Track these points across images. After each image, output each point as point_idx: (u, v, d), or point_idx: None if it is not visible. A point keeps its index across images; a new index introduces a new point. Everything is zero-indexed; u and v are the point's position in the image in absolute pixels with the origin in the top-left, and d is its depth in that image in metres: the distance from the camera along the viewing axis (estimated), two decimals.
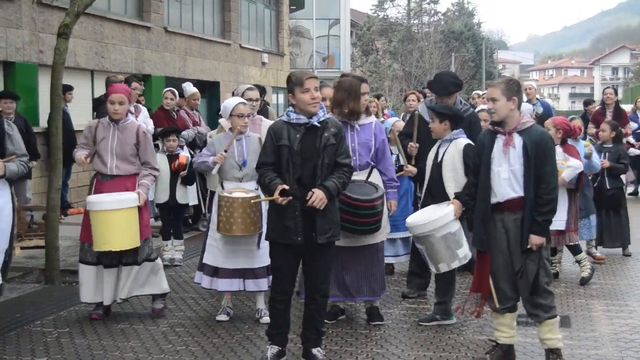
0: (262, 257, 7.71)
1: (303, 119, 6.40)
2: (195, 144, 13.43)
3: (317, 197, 6.19)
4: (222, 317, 8.03)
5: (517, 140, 6.38)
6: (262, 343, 7.11)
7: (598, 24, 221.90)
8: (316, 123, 6.37)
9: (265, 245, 7.46)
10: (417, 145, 8.44)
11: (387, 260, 9.88)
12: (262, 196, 7.04)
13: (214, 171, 7.94)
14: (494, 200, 6.44)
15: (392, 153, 9.96)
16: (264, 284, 7.82)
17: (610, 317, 8.23)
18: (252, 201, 7.43)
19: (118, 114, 7.87)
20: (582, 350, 7.11)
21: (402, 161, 9.87)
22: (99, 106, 11.90)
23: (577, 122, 10.22)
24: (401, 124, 10.28)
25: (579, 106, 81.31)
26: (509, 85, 6.45)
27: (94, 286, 7.92)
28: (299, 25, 46.24)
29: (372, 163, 7.78)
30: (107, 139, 7.91)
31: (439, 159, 7.66)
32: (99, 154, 7.94)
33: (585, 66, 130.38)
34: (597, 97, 57.91)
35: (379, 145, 7.79)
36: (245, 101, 7.98)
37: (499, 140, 6.45)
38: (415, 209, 8.71)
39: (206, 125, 14.21)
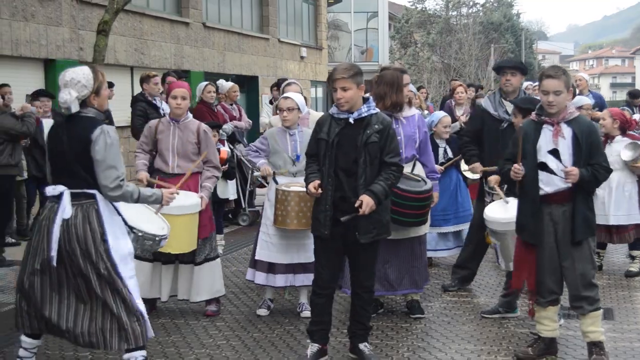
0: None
1: (342, 114, 6.37)
2: (235, 138, 13.47)
3: (367, 205, 6.14)
4: (263, 312, 8.05)
5: (566, 130, 6.30)
6: (302, 337, 7.12)
7: (638, 12, 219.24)
8: (351, 120, 6.32)
9: None
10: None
11: (440, 254, 9.90)
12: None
13: (256, 173, 8.05)
14: (542, 192, 6.36)
15: (438, 146, 9.96)
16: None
17: None
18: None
19: (180, 108, 7.77)
20: (626, 342, 7.05)
21: (449, 154, 9.87)
22: (135, 103, 11.96)
23: (627, 114, 10.10)
24: (448, 119, 10.23)
25: (619, 96, 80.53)
26: (568, 76, 6.38)
27: (149, 282, 7.90)
28: (337, 18, 46.16)
29: (417, 155, 7.76)
30: (167, 137, 7.83)
31: None
32: (160, 152, 7.87)
33: (627, 55, 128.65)
34: (639, 87, 57.19)
35: (422, 137, 7.77)
36: (288, 95, 7.97)
37: (546, 131, 6.34)
38: (479, 202, 8.57)
39: (247, 119, 14.23)
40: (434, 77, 50.85)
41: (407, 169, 7.54)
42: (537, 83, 16.29)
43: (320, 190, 6.27)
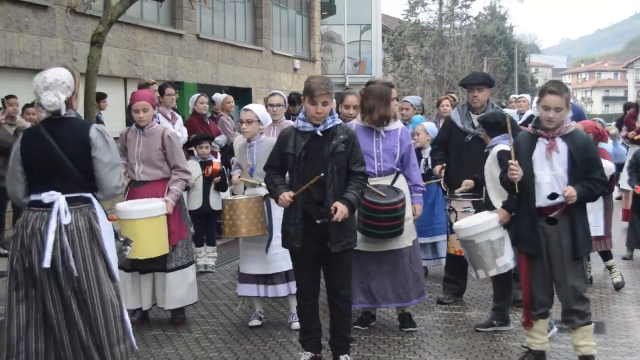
0: (277, 262, 7.78)
1: (309, 127, 6.43)
2: (228, 149, 13.49)
3: (341, 212, 6.19)
4: (255, 322, 8.06)
5: (561, 145, 6.31)
6: (294, 349, 7.12)
7: (631, 26, 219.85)
8: (319, 132, 6.38)
9: (278, 251, 7.57)
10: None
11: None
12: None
13: (231, 189, 8.21)
14: (537, 204, 6.37)
15: (421, 157, 9.99)
16: (282, 290, 7.87)
17: None
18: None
19: (143, 121, 7.90)
20: (617, 356, 7.06)
21: (429, 165, 9.92)
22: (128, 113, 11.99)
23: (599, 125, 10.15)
24: (420, 128, 10.27)
25: (612, 109, 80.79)
26: (569, 93, 6.40)
27: (131, 292, 7.93)
28: (331, 31, 46.22)
29: (397, 169, 7.74)
30: (134, 145, 7.97)
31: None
32: (128, 160, 8.00)
33: (619, 69, 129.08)
34: (631, 100, 57.38)
35: (405, 151, 7.76)
36: (248, 107, 8.06)
37: (541, 144, 6.36)
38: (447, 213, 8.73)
39: (238, 132, 14.21)
40: (427, 90, 50.90)
41: (386, 181, 7.58)
42: (520, 95, 16.41)
43: (292, 200, 6.32)
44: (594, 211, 9.43)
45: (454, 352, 7.21)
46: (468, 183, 8.25)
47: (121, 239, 5.85)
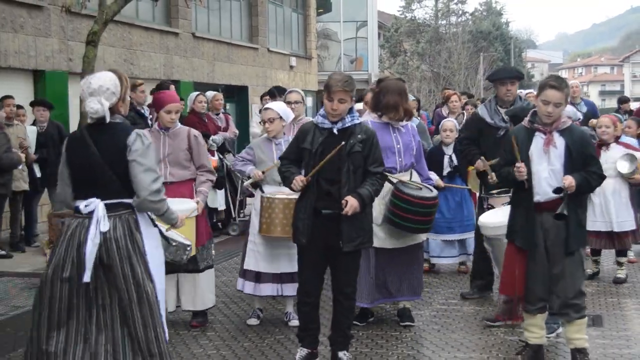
0: None
1: (327, 124, 6.43)
2: (224, 148, 13.48)
3: (351, 205, 6.19)
4: (253, 321, 8.06)
5: (559, 140, 6.31)
6: (292, 346, 7.12)
7: (627, 20, 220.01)
8: (335, 131, 6.37)
9: None
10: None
11: (445, 261, 9.98)
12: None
13: (246, 183, 8.13)
14: (535, 199, 6.37)
15: (444, 154, 10.02)
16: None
17: None
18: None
19: (173, 122, 7.77)
20: (615, 349, 7.07)
21: (454, 162, 9.94)
22: (130, 112, 11.97)
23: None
24: (451, 124, 10.31)
25: (609, 104, 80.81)
26: (569, 88, 6.39)
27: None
28: (327, 28, 46.19)
29: (414, 163, 7.77)
30: (157, 147, 7.68)
31: None
32: None
33: (615, 63, 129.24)
34: (627, 94, 57.35)
35: (417, 146, 7.80)
36: (270, 106, 8.02)
37: (538, 139, 6.36)
38: (480, 210, 8.64)
39: (234, 130, 14.19)
40: (423, 86, 51.00)
41: (405, 177, 7.57)
42: (528, 91, 16.38)
43: (304, 183, 6.31)
44: (627, 207, 9.50)
45: (451, 346, 7.22)
46: (479, 165, 8.14)
47: (173, 244, 5.84)
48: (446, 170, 10.07)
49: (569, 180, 6.17)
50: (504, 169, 6.50)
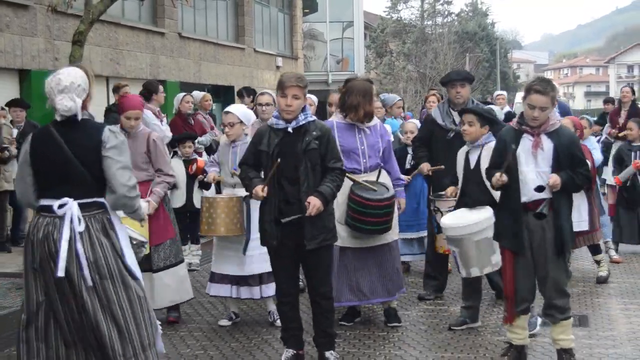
0: (253, 264, 7.82)
1: (282, 124, 6.43)
2: (212, 149, 13.45)
3: (314, 205, 6.21)
4: (224, 322, 8.10)
5: (546, 142, 6.31)
6: (279, 346, 7.11)
7: (613, 22, 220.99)
8: (290, 129, 6.39)
9: (254, 253, 7.70)
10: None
11: (404, 258, 9.95)
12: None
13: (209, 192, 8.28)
14: (521, 200, 6.36)
15: (407, 153, 10.03)
16: (256, 292, 7.89)
17: (629, 316, 8.21)
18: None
19: (134, 128, 7.76)
20: (601, 349, 7.10)
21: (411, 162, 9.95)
22: (108, 114, 11.94)
23: (584, 122, 10.18)
24: (411, 126, 10.32)
25: (594, 105, 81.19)
26: (555, 91, 6.39)
27: None
28: (313, 28, 46.17)
29: (381, 164, 7.78)
30: None
31: (472, 165, 7.45)
32: None
33: (601, 64, 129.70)
34: (612, 95, 57.55)
35: (385, 146, 7.81)
36: (229, 110, 8.08)
37: (526, 140, 6.35)
38: (429, 211, 8.76)
39: (218, 130, 14.13)
40: (409, 87, 50.98)
41: (371, 177, 7.60)
42: (498, 93, 16.45)
43: (264, 194, 6.32)
44: (577, 207, 9.47)
45: (438, 347, 7.23)
46: (451, 191, 8.12)
47: (134, 242, 5.71)
48: (406, 167, 10.02)
49: (554, 179, 6.19)
50: (493, 172, 6.49)
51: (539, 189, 6.24)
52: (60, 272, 5.01)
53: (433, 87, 25.69)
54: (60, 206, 5.10)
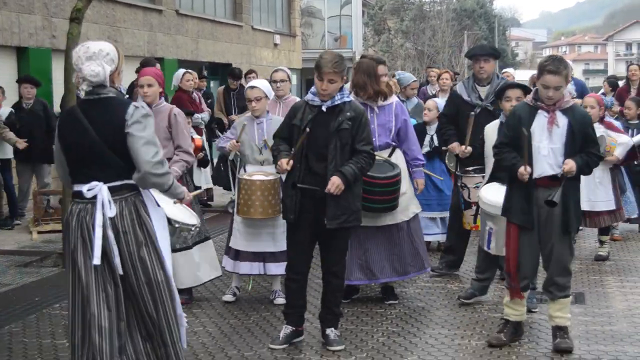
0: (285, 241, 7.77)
1: (317, 101, 6.49)
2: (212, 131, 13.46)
3: (333, 183, 6.24)
4: (228, 298, 8.11)
5: (561, 119, 6.32)
6: (278, 323, 7.17)
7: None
8: (324, 108, 6.43)
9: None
10: (470, 149, 8.45)
11: (428, 238, 9.88)
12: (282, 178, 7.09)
13: (231, 157, 8.09)
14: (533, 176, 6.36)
15: (427, 133, 10.00)
16: (280, 268, 7.86)
17: (625, 294, 8.26)
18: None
19: (148, 96, 7.63)
20: (597, 326, 7.15)
21: (435, 142, 9.91)
22: (132, 91, 11.96)
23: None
24: (432, 103, 10.26)
25: (593, 82, 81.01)
26: (568, 69, 6.38)
27: None
28: (311, 5, 46.08)
29: (394, 143, 7.76)
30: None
31: None
32: None
33: (599, 42, 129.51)
34: (611, 73, 57.39)
35: (401, 125, 7.77)
36: (254, 85, 7.99)
37: (540, 117, 6.35)
38: (456, 188, 8.71)
39: (207, 109, 14.03)
40: (407, 64, 50.98)
41: (383, 155, 7.60)
42: (504, 70, 16.35)
43: (289, 167, 6.37)
44: (604, 186, 9.52)
45: (436, 323, 7.29)
46: (454, 147, 8.10)
47: (177, 225, 5.64)
48: (425, 149, 9.84)
49: (570, 165, 6.20)
50: (508, 155, 6.44)
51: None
52: (96, 260, 4.90)
53: (430, 65, 25.71)
54: (90, 190, 4.96)
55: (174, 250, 7.72)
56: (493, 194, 7.31)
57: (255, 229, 7.80)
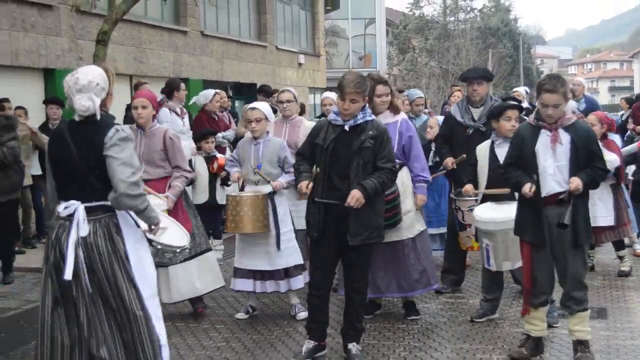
0: (281, 259, 7.93)
1: (339, 121, 6.57)
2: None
3: (353, 197, 6.31)
4: (241, 315, 8.19)
5: (564, 136, 6.39)
6: (300, 338, 7.24)
7: (637, 16, 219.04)
8: (346, 128, 6.51)
9: (286, 247, 7.85)
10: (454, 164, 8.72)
11: None
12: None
13: (231, 187, 8.33)
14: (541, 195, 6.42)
15: (431, 149, 10.06)
16: (284, 285, 8.00)
17: None
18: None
19: (142, 117, 7.86)
20: (619, 341, 7.17)
21: (438, 158, 9.97)
22: (128, 111, 12.14)
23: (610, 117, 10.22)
24: (433, 121, 10.36)
25: (618, 100, 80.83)
26: (566, 86, 6.44)
27: None
28: (335, 25, 46.32)
29: (399, 161, 7.71)
30: (134, 145, 7.92)
31: (502, 160, 7.29)
32: None
33: (625, 59, 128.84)
34: (637, 90, 57.10)
35: (405, 143, 7.83)
36: (255, 106, 8.12)
37: (544, 135, 6.43)
38: (449, 208, 8.80)
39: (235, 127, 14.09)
40: (432, 83, 50.97)
41: None
42: (514, 90, 16.31)
43: (309, 190, 6.50)
44: (604, 202, 9.53)
45: (457, 338, 7.33)
46: (468, 190, 8.19)
47: (159, 247, 5.54)
48: (429, 163, 9.93)
49: (576, 184, 6.25)
50: (514, 173, 6.52)
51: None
52: (67, 276, 4.99)
53: (455, 84, 25.75)
54: (66, 208, 5.11)
55: (165, 265, 7.86)
56: (486, 212, 7.43)
57: (250, 246, 7.97)
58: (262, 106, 8.18)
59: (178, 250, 5.77)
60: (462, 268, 9.22)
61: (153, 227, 5.33)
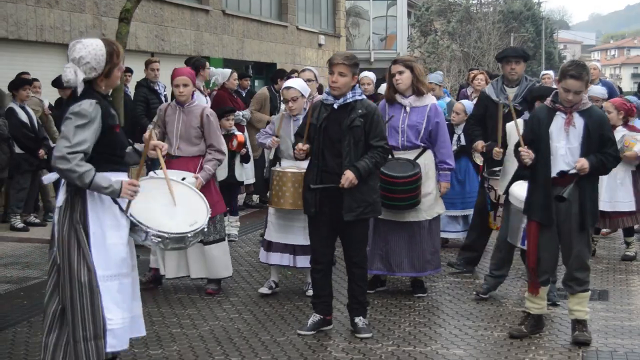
0: None
1: (330, 100, 6.83)
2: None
3: (347, 178, 6.59)
4: (264, 290, 8.34)
5: (578, 120, 6.60)
6: (310, 312, 7.43)
7: None
8: (335, 106, 6.77)
9: None
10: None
11: (446, 235, 10.25)
12: None
13: (271, 155, 8.46)
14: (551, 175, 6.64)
15: (454, 132, 10.25)
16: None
17: None
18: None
19: (183, 95, 8.08)
20: (617, 321, 7.40)
21: (462, 142, 10.17)
22: (138, 88, 12.42)
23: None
24: (459, 106, 10.52)
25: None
26: (589, 74, 6.62)
27: (161, 260, 8.26)
28: (357, 6, 46.33)
29: (422, 144, 8.00)
30: (173, 121, 8.18)
31: None
32: (167, 134, 8.24)
33: None
34: None
35: (432, 128, 7.99)
36: (290, 85, 8.28)
37: (559, 118, 6.64)
38: (482, 189, 8.98)
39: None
40: (453, 66, 50.87)
41: (409, 155, 7.91)
42: (544, 72, 16.38)
43: (305, 147, 6.82)
44: (625, 187, 9.68)
45: (461, 315, 7.58)
46: (481, 145, 8.35)
47: (137, 226, 5.40)
48: (452, 148, 10.06)
49: (581, 163, 6.48)
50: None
51: (561, 173, 6.50)
52: (54, 247, 5.25)
53: (474, 67, 25.83)
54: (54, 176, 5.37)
55: (208, 242, 8.11)
56: (524, 190, 7.57)
57: (288, 221, 8.09)
58: (297, 83, 8.32)
59: (189, 235, 5.67)
60: (483, 247, 9.32)
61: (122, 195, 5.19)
